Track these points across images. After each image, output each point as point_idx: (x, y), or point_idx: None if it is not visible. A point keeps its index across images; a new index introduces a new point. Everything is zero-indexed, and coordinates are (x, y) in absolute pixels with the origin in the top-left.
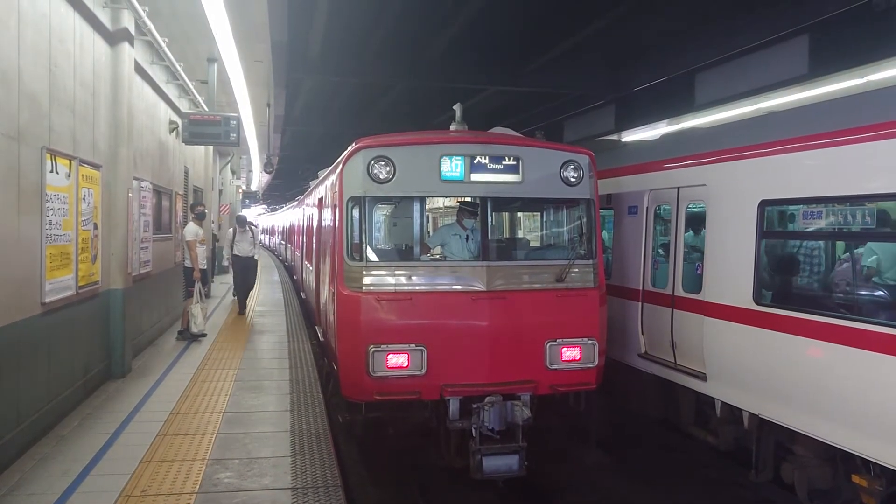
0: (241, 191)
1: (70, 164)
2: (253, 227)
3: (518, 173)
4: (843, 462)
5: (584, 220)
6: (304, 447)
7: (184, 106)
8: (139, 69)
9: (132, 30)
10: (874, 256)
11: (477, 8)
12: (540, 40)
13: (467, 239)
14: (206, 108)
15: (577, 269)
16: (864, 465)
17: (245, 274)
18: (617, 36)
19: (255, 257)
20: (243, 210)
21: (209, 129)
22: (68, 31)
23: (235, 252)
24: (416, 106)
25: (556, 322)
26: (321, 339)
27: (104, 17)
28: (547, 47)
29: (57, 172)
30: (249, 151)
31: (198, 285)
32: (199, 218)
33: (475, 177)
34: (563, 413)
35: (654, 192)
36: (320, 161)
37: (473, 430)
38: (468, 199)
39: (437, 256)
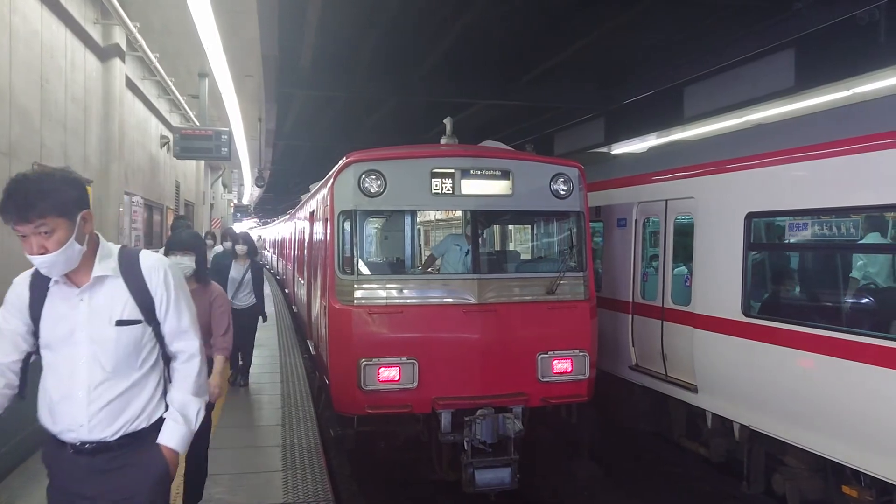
0: (232, 205)
1: None
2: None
3: (508, 186)
4: (834, 473)
5: (575, 232)
6: (296, 462)
7: (175, 121)
8: (130, 84)
9: (123, 46)
10: (860, 264)
11: (467, 24)
12: (530, 55)
13: (467, 253)
14: (198, 123)
15: (567, 282)
16: (855, 476)
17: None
18: (606, 51)
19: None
20: (234, 224)
21: (200, 144)
22: (59, 47)
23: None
24: (406, 120)
25: (547, 334)
26: (313, 352)
27: (95, 33)
28: (537, 62)
29: None
30: (241, 165)
31: None
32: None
33: (465, 190)
34: (556, 425)
35: (642, 204)
36: (311, 175)
37: (465, 443)
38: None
39: (438, 266)
